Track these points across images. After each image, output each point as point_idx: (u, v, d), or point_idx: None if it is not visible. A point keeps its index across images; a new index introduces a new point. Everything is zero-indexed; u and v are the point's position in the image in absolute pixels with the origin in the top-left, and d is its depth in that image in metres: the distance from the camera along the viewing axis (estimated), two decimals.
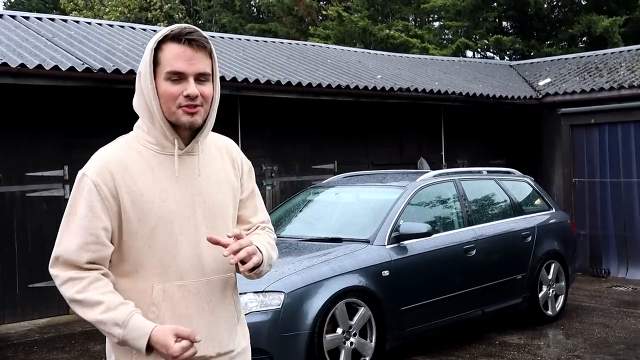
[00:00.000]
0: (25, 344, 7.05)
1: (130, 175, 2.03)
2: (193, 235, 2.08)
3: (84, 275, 1.99)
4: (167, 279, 2.05)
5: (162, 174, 2.06)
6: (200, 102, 2.04)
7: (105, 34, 10.35)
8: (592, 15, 18.38)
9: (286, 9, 23.80)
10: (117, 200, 2.01)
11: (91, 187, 2.01)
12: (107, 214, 2.01)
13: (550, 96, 12.10)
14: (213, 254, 2.10)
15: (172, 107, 2.03)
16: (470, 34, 21.00)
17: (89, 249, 2.00)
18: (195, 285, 2.08)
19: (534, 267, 7.35)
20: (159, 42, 2.03)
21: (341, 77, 10.71)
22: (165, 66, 2.02)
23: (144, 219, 2.02)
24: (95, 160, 2.07)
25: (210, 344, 2.11)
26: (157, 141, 2.08)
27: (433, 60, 15.27)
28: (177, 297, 2.06)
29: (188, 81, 2.02)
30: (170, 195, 2.05)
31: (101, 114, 8.64)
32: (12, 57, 7.51)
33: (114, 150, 2.08)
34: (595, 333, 7.09)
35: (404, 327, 5.99)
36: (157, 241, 2.04)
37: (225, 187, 2.17)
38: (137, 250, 2.04)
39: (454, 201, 7.00)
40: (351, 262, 5.71)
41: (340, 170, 10.23)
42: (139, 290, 2.06)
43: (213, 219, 2.12)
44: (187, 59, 2.01)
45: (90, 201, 2.00)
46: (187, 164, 2.10)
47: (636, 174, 10.37)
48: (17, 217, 8.03)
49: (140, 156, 2.06)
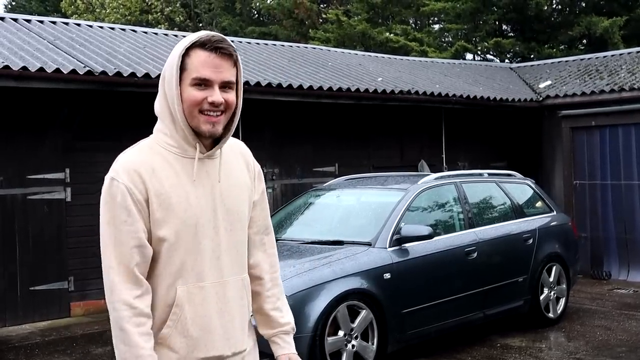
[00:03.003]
0: (26, 347, 7.05)
1: (158, 178, 2.06)
2: (213, 238, 2.11)
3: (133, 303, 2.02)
4: (188, 280, 2.08)
5: (185, 177, 2.09)
6: (222, 110, 2.07)
7: (107, 36, 10.36)
8: (592, 17, 18.39)
9: (286, 11, 23.82)
10: (147, 203, 2.04)
11: (124, 191, 2.03)
12: (142, 216, 2.04)
13: (550, 98, 12.10)
14: (231, 255, 2.16)
15: (194, 112, 2.05)
16: (470, 36, 21.00)
17: (135, 252, 2.03)
18: (214, 286, 2.12)
19: (535, 269, 7.35)
20: (187, 48, 2.06)
21: (342, 80, 10.72)
22: (191, 72, 2.05)
23: (170, 221, 2.05)
24: (123, 164, 2.07)
25: (227, 344, 2.15)
26: (179, 144, 2.10)
27: (433, 63, 15.28)
28: (198, 299, 2.09)
29: (213, 88, 2.05)
30: (194, 198, 2.08)
31: (102, 116, 8.64)
32: (14, 60, 7.52)
33: (139, 154, 2.10)
34: (596, 336, 7.09)
35: (405, 329, 5.99)
36: (181, 243, 2.06)
37: (242, 190, 2.22)
38: (163, 253, 2.07)
39: (455, 204, 7.00)
40: (353, 265, 5.71)
41: (341, 172, 10.23)
42: (160, 292, 2.08)
43: (231, 221, 2.16)
44: (214, 67, 2.04)
45: (127, 206, 2.02)
46: (209, 167, 2.13)
47: (637, 176, 10.37)
48: (19, 219, 8.03)
49: (164, 159, 2.09)
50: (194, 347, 2.09)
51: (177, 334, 2.08)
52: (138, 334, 2.00)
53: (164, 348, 2.08)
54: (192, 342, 2.08)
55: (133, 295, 2.02)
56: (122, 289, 2.02)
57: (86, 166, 8.49)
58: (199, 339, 2.09)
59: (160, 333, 2.08)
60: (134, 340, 2.00)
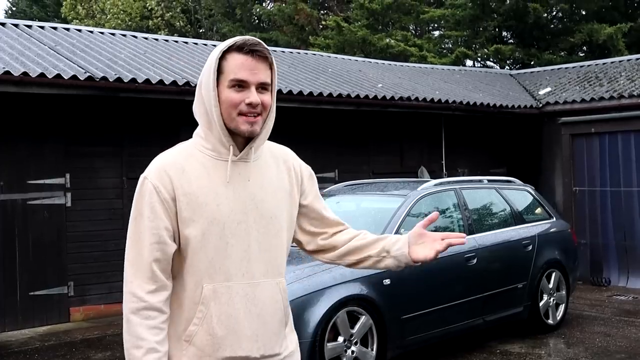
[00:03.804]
0: (25, 352, 7.05)
1: (187, 178, 2.12)
2: (244, 239, 2.15)
3: (144, 297, 2.07)
4: (216, 279, 2.12)
5: (217, 178, 2.14)
6: (260, 111, 2.13)
7: (107, 42, 10.39)
8: (594, 24, 18.43)
9: (287, 17, 23.86)
10: (174, 202, 2.10)
11: (151, 190, 2.10)
12: (167, 214, 2.10)
13: (550, 105, 12.13)
14: (263, 258, 2.19)
15: (233, 114, 2.11)
16: (470, 43, 21.04)
17: (153, 248, 2.08)
18: (243, 287, 2.15)
19: (534, 276, 7.36)
20: (224, 52, 2.13)
21: (342, 86, 10.74)
22: (228, 74, 2.11)
23: (197, 220, 2.10)
24: (155, 165, 2.16)
25: (255, 345, 2.16)
26: (214, 147, 2.16)
27: (433, 70, 15.31)
28: (225, 298, 2.12)
29: (250, 90, 2.11)
30: (224, 199, 2.13)
31: (103, 122, 8.66)
32: (14, 66, 7.54)
33: (172, 155, 2.17)
34: (596, 342, 7.09)
35: (405, 335, 5.99)
36: (209, 242, 2.11)
37: (279, 194, 2.24)
38: (190, 251, 2.12)
39: (455, 210, 7.01)
40: (352, 271, 5.71)
41: (341, 179, 10.25)
42: (188, 290, 2.13)
43: (265, 224, 2.19)
44: (250, 69, 2.10)
45: (152, 203, 2.10)
46: (241, 170, 2.18)
47: (636, 183, 10.39)
48: (19, 224, 8.04)
49: (197, 161, 2.15)
50: (219, 346, 2.12)
51: (203, 332, 2.11)
52: (143, 326, 2.05)
53: (191, 346, 2.12)
54: (217, 341, 2.12)
55: (145, 290, 2.07)
56: (133, 282, 2.09)
57: (86, 171, 8.51)
58: (224, 338, 2.12)
59: (187, 330, 2.13)
60: (137, 331, 2.05)
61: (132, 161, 8.77)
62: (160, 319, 2.09)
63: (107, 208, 8.65)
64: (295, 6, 23.03)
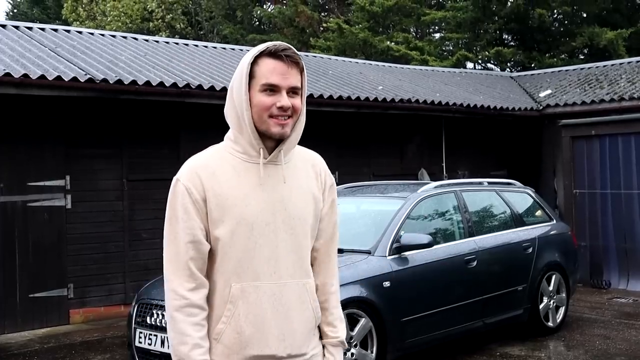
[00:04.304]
0: (25, 354, 7.04)
1: (217, 180, 2.18)
2: (272, 240, 2.19)
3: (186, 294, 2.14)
4: (244, 279, 2.17)
5: (246, 180, 2.20)
6: (290, 114, 2.18)
7: (108, 44, 10.40)
8: (595, 28, 18.43)
9: (287, 20, 23.88)
10: (205, 203, 2.17)
11: (184, 191, 2.17)
12: (199, 215, 2.17)
13: (550, 107, 12.13)
14: (291, 259, 2.22)
15: (264, 117, 2.16)
16: (471, 46, 21.05)
17: (189, 247, 2.16)
18: (271, 287, 2.19)
19: (534, 278, 7.35)
20: (255, 57, 2.17)
21: (342, 88, 10.75)
22: (260, 79, 2.16)
23: (227, 220, 2.16)
24: (187, 167, 2.22)
25: (282, 345, 2.19)
26: (244, 150, 2.22)
27: (434, 72, 15.32)
28: (252, 297, 2.17)
29: (281, 94, 2.16)
30: (253, 200, 2.18)
31: (103, 124, 8.66)
32: (15, 68, 7.54)
33: (203, 157, 2.24)
34: (596, 345, 7.08)
35: (405, 338, 5.98)
36: (238, 242, 2.17)
37: (307, 197, 2.28)
38: (220, 251, 2.18)
39: (455, 212, 7.01)
40: (352, 273, 5.71)
41: (341, 180, 10.23)
42: (218, 288, 2.19)
43: (293, 226, 2.23)
44: (282, 74, 2.16)
45: (184, 204, 2.17)
46: (271, 172, 2.22)
47: (637, 186, 10.38)
48: (19, 226, 8.04)
49: (227, 163, 2.22)
50: (246, 344, 2.16)
51: (231, 330, 2.17)
52: (187, 323, 2.13)
53: (219, 343, 2.18)
54: (244, 339, 2.16)
55: (185, 288, 2.14)
56: (174, 280, 2.16)
57: (87, 173, 8.51)
58: (251, 337, 2.16)
59: (216, 328, 2.18)
60: (181, 328, 2.13)
61: (132, 163, 8.77)
62: (202, 316, 2.16)
63: (107, 210, 8.65)
64: (295, 8, 23.04)
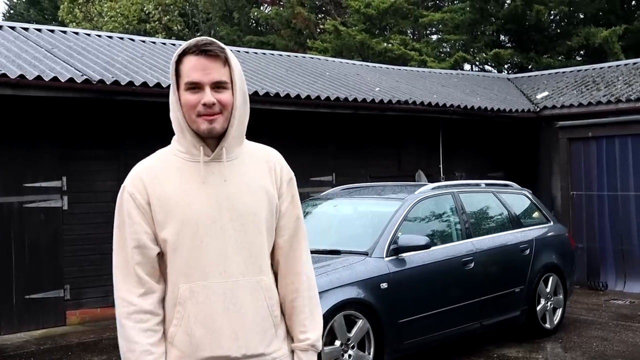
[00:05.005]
0: (21, 356, 7.02)
1: (160, 182, 2.17)
2: (219, 238, 2.16)
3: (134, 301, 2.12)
4: (192, 279, 2.14)
5: (189, 179, 2.18)
6: (218, 110, 2.15)
7: (105, 45, 10.37)
8: (591, 28, 18.46)
9: (284, 21, 23.87)
10: (149, 207, 2.16)
11: (128, 197, 2.18)
12: (145, 219, 2.16)
13: (548, 109, 12.13)
14: (242, 256, 2.18)
15: (192, 116, 2.15)
16: (468, 47, 21.06)
17: (135, 253, 2.14)
18: (221, 286, 2.15)
19: (532, 280, 7.35)
20: (180, 56, 2.16)
21: (339, 90, 10.73)
22: (184, 77, 2.15)
23: (172, 222, 2.14)
24: (131, 173, 2.24)
25: (235, 344, 2.15)
26: (187, 149, 2.20)
27: (431, 73, 15.32)
28: (201, 297, 2.13)
29: (204, 90, 2.13)
30: (196, 199, 2.16)
31: (100, 125, 8.64)
32: (11, 68, 7.52)
33: (147, 162, 2.25)
34: (593, 346, 7.08)
35: (402, 339, 5.97)
36: (183, 243, 2.14)
37: (257, 193, 2.23)
38: (168, 253, 2.16)
39: (452, 214, 7.00)
40: (349, 275, 5.70)
41: (338, 182, 10.23)
42: (168, 291, 2.17)
43: (242, 222, 2.19)
44: (202, 69, 2.13)
45: (129, 209, 2.16)
46: (215, 170, 2.20)
47: (633, 187, 10.39)
48: (15, 227, 8.01)
49: (171, 165, 2.21)
50: (197, 346, 2.12)
51: (182, 332, 2.13)
52: (136, 330, 2.10)
53: (173, 347, 2.15)
54: (196, 341, 2.12)
55: (134, 294, 2.12)
56: (122, 287, 2.14)
57: (83, 174, 8.48)
58: (202, 338, 2.12)
59: (169, 331, 2.15)
60: (130, 335, 2.10)
61: (129, 164, 8.68)
62: (154, 322, 2.13)
63: (103, 211, 8.61)
64: (292, 10, 23.04)
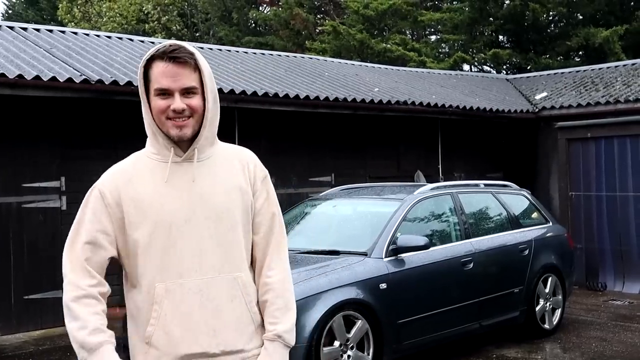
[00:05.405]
0: (20, 356, 7.01)
1: (133, 185, 2.21)
2: (193, 236, 2.19)
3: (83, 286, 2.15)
4: (167, 278, 2.16)
5: (161, 180, 2.22)
6: (188, 114, 2.18)
7: (104, 45, 10.36)
8: (590, 28, 18.46)
9: (283, 22, 23.87)
10: (120, 208, 2.19)
11: (97, 195, 2.22)
12: (109, 219, 2.20)
13: (546, 110, 12.14)
14: (217, 253, 2.20)
15: (162, 119, 2.19)
16: (467, 47, 21.06)
17: (86, 248, 2.18)
18: (197, 283, 2.17)
19: (531, 280, 7.35)
20: (148, 61, 2.18)
21: (338, 90, 10.73)
22: (154, 83, 2.18)
23: (144, 222, 2.17)
24: (105, 174, 2.29)
25: (214, 341, 2.16)
26: (159, 151, 2.25)
27: (430, 74, 15.32)
28: (177, 295, 2.16)
29: (174, 97, 2.16)
30: (169, 199, 2.19)
31: (99, 125, 8.63)
32: (9, 68, 7.51)
33: (122, 164, 2.29)
34: (592, 347, 7.08)
35: (401, 340, 5.97)
36: (157, 242, 2.17)
37: (231, 191, 2.26)
38: (141, 253, 2.18)
39: (451, 214, 7.00)
40: (349, 275, 5.70)
41: (337, 182, 10.23)
42: (143, 291, 2.19)
43: (217, 220, 2.22)
44: (172, 76, 2.15)
45: (94, 207, 2.21)
46: (187, 169, 2.23)
47: (632, 188, 10.40)
48: (13, 228, 8.00)
49: (145, 167, 2.25)
50: (175, 343, 2.14)
51: (160, 330, 2.15)
52: (86, 312, 2.11)
53: (151, 347, 2.16)
54: (174, 339, 2.14)
55: (84, 283, 2.15)
56: (72, 275, 2.16)
57: (82, 175, 8.46)
58: (180, 336, 2.14)
59: (146, 331, 2.16)
60: (79, 314, 2.11)
61: None
62: (100, 307, 2.16)
63: None
64: (291, 11, 23.04)
